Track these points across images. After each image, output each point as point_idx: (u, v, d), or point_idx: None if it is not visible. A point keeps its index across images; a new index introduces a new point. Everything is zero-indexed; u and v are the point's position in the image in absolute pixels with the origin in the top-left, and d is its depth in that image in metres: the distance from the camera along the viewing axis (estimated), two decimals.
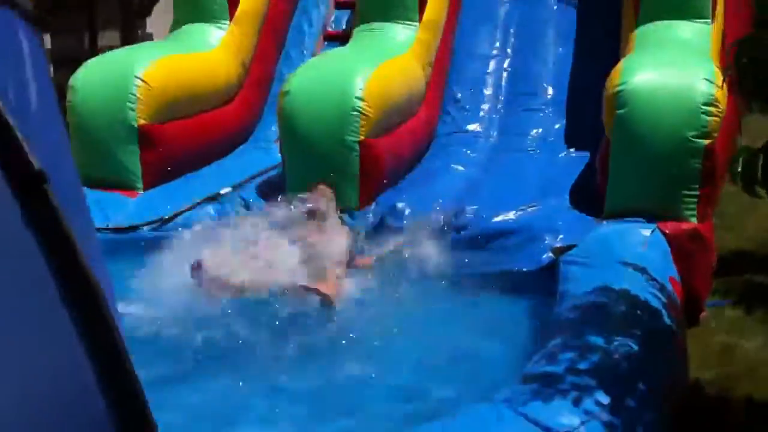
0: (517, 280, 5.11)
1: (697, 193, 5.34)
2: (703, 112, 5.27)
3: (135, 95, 6.25)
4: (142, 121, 6.25)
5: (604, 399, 3.03)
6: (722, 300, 5.64)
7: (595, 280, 4.38)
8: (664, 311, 4.09)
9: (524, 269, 5.21)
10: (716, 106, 5.28)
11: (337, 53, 6.97)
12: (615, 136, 5.55)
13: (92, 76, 6.41)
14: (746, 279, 6.03)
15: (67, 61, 8.38)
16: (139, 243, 5.82)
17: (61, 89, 7.31)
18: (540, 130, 7.23)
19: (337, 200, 5.39)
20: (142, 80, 6.29)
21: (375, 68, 6.28)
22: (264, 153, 7.10)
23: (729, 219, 7.08)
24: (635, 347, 3.47)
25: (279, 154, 6.35)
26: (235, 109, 7.42)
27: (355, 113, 5.93)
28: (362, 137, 5.93)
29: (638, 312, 3.90)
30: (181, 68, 6.75)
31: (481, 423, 2.84)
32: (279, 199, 5.25)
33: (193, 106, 6.77)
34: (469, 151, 7.10)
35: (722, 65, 5.52)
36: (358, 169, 5.93)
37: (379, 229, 5.82)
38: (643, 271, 4.58)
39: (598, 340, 3.48)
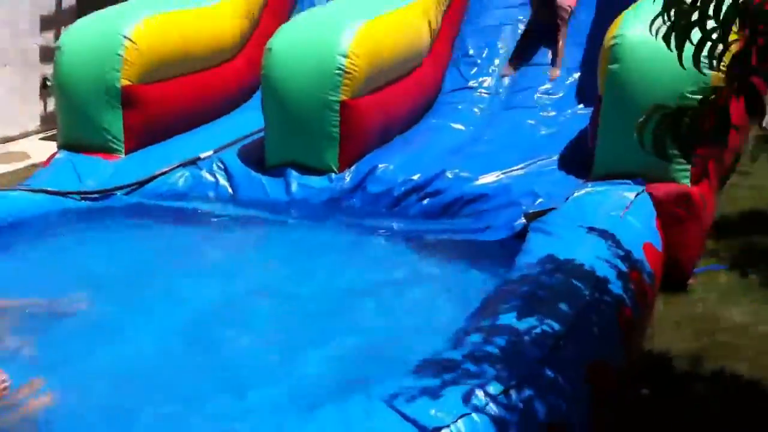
0: (484, 250, 4.84)
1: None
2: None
3: (121, 55, 6.08)
4: (126, 82, 6.07)
5: (496, 390, 2.77)
6: (715, 265, 5.26)
7: (549, 250, 4.08)
8: (615, 282, 3.78)
9: (494, 238, 4.92)
10: None
11: (330, 6, 6.67)
12: (606, 92, 5.19)
13: (79, 37, 6.27)
14: (747, 241, 5.61)
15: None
16: (115, 209, 5.73)
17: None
18: (550, 85, 6.86)
19: None
20: (130, 39, 6.11)
21: (366, 22, 5.98)
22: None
23: (755, 178, 6.67)
24: (555, 327, 3.19)
25: None
26: (237, 66, 7.18)
27: (339, 71, 5.64)
28: (345, 97, 5.64)
29: (577, 285, 3.59)
30: (173, 26, 6.53)
31: (345, 417, 2.63)
32: None
33: (185, 65, 6.54)
34: (474, 109, 6.78)
35: None
36: (339, 130, 5.67)
37: (355, 192, 5.59)
38: (609, 237, 4.27)
39: (511, 320, 3.21)
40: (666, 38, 2.59)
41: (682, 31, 2.55)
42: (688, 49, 2.52)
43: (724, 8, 2.46)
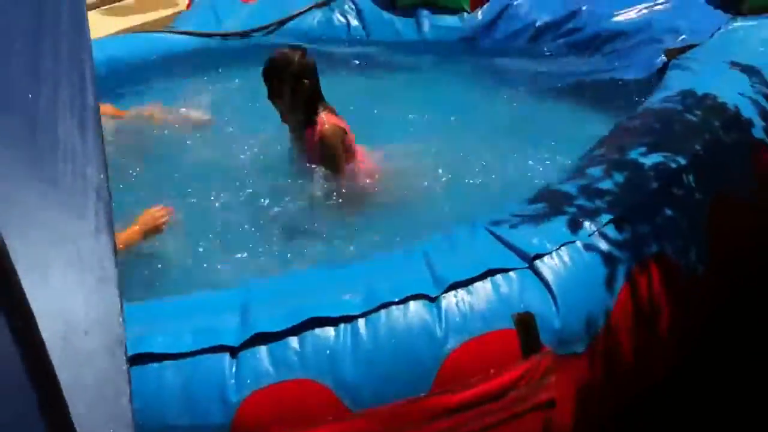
0: (621, 88, 4.61)
1: None
2: None
3: None
4: None
5: (604, 219, 2.65)
6: None
7: (687, 85, 3.83)
8: (754, 120, 3.52)
9: (632, 76, 4.66)
10: None
11: None
12: None
13: None
14: None
15: None
16: (251, 49, 5.78)
17: None
18: None
19: None
20: None
21: None
22: None
23: None
24: (681, 162, 3.00)
25: None
26: None
27: None
28: None
29: (713, 122, 3.36)
30: None
31: (450, 242, 2.60)
32: None
33: None
34: None
35: None
36: None
37: (488, 32, 5.40)
38: (754, 74, 3.95)
39: (634, 154, 3.05)
40: None
41: None
42: None
43: None
